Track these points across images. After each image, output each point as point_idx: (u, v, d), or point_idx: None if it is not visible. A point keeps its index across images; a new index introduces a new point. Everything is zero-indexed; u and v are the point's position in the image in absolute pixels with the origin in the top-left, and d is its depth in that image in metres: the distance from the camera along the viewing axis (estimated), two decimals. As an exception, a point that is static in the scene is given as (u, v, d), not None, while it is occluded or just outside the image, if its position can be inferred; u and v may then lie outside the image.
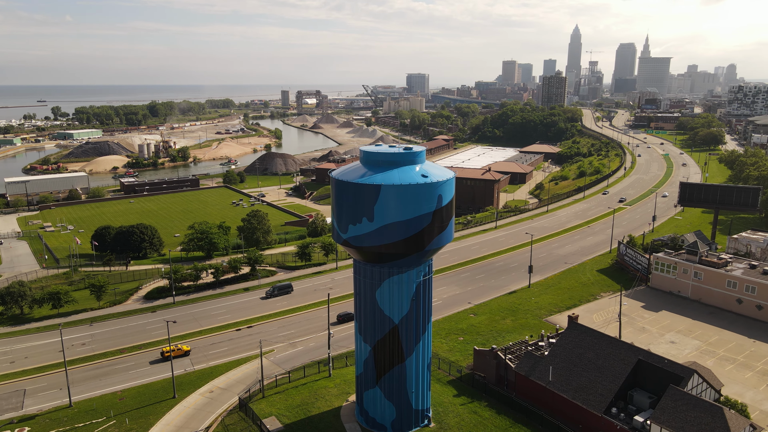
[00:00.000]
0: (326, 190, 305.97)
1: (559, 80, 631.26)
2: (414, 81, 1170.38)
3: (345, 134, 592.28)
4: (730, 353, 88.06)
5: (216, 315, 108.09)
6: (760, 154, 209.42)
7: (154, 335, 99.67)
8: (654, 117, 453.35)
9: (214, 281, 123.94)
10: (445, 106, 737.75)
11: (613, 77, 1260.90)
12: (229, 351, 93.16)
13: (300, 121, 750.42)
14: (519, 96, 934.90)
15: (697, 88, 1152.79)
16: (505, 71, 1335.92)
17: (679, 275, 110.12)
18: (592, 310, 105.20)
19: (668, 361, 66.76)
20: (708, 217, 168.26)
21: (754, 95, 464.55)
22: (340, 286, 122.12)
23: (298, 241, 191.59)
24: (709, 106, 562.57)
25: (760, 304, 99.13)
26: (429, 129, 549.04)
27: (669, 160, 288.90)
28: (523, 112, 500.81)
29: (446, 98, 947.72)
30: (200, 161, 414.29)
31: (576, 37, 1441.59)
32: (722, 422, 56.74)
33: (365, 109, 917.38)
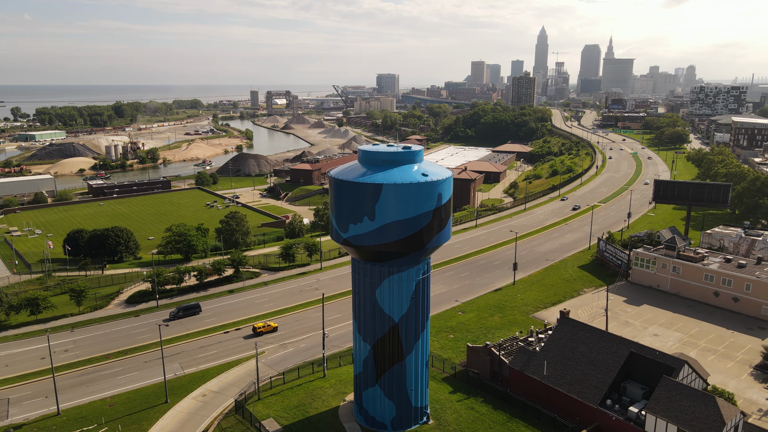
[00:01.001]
0: (301, 191, 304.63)
1: (528, 81, 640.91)
2: (384, 81, 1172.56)
3: (317, 135, 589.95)
4: (711, 344, 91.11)
5: (202, 318, 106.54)
6: (726, 152, 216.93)
7: (139, 340, 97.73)
8: (621, 117, 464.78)
9: (197, 284, 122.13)
10: (416, 107, 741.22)
11: (579, 78, 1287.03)
12: (219, 354, 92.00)
13: (271, 121, 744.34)
14: (488, 96, 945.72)
15: (659, 88, 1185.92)
16: (473, 72, 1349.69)
17: (658, 270, 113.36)
18: (577, 305, 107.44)
19: (659, 353, 68.81)
20: (679, 213, 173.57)
21: (714, 96, 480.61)
22: (326, 286, 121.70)
23: (277, 243, 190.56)
24: (672, 106, 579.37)
25: (736, 296, 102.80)
26: (401, 129, 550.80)
27: (638, 158, 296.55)
28: (494, 112, 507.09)
29: (416, 98, 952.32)
30: (170, 163, 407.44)
31: (542, 39, 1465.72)
32: (715, 411, 58.77)
33: (336, 109, 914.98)
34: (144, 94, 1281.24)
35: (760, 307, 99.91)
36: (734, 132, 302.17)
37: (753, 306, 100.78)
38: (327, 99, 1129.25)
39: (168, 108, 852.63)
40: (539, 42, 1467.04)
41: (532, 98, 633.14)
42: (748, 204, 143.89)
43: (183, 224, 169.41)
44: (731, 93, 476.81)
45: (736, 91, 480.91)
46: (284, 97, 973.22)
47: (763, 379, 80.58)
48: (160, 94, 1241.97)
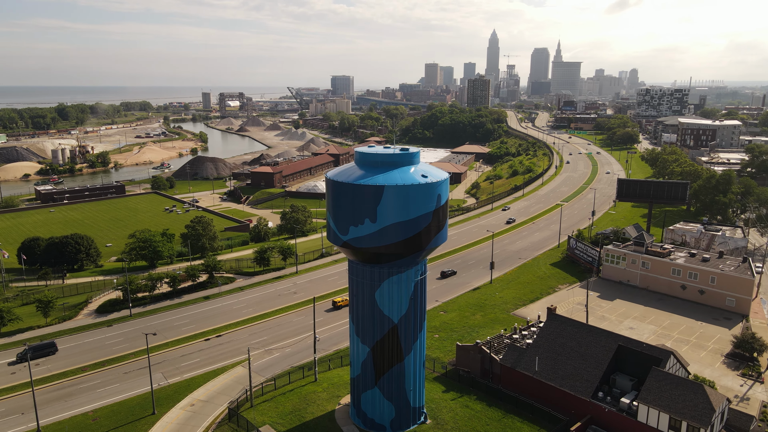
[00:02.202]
0: (263, 194, 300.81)
1: (483, 83, 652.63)
2: (339, 83, 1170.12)
3: (273, 137, 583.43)
4: (683, 335, 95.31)
5: (179, 326, 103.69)
6: (678, 152, 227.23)
7: (115, 350, 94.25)
8: (573, 118, 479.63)
9: (171, 291, 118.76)
10: (372, 108, 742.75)
11: (529, 80, 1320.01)
12: (202, 362, 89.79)
13: (225, 124, 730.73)
14: (442, 98, 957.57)
15: (605, 90, 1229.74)
16: (427, 74, 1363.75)
17: (628, 266, 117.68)
18: (553, 302, 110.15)
19: (647, 345, 71.53)
20: (639, 211, 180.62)
21: (659, 98, 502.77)
22: (303, 290, 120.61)
23: (243, 247, 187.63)
24: (620, 108, 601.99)
25: (702, 288, 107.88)
26: (359, 131, 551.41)
27: (592, 158, 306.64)
28: (451, 113, 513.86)
29: (372, 100, 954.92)
30: (122, 166, 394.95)
31: (494, 42, 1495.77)
32: (704, 398, 61.58)
33: (291, 111, 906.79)
34: (89, 95, 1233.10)
35: (725, 298, 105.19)
36: (681, 132, 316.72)
37: (718, 297, 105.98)
38: (281, 101, 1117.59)
39: (116, 110, 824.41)
40: (491, 45, 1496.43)
41: (487, 100, 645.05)
42: (704, 201, 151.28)
43: (147, 230, 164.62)
44: (674, 95, 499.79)
45: (679, 93, 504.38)
46: (237, 99, 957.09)
47: (734, 367, 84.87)
48: (107, 96, 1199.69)
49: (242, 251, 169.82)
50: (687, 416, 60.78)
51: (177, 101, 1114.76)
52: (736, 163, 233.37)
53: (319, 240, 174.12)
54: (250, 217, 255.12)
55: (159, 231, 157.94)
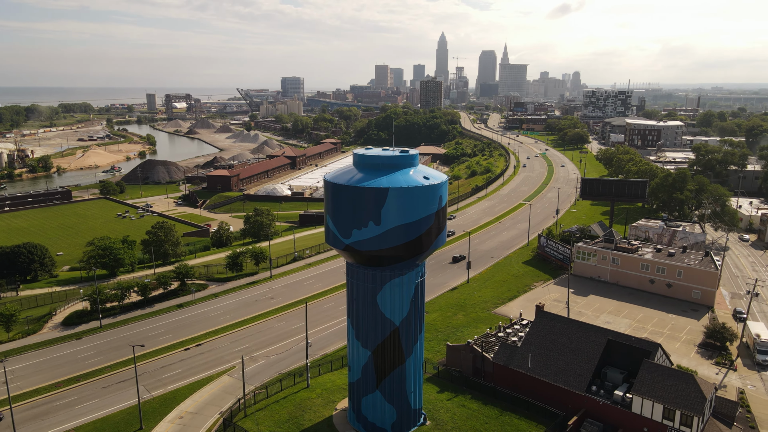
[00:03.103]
0: (220, 197, 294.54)
1: (435, 84, 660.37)
2: (289, 84, 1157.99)
3: (225, 139, 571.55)
4: (657, 327, 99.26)
5: (155, 336, 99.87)
6: (632, 151, 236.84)
7: (89, 365, 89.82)
8: (525, 119, 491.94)
9: (141, 300, 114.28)
10: (325, 110, 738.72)
11: (478, 82, 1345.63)
12: (185, 372, 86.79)
13: (173, 126, 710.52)
14: (393, 99, 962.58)
15: (550, 92, 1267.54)
16: (378, 75, 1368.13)
17: (598, 262, 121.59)
18: (531, 299, 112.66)
19: (635, 339, 74.06)
20: (598, 209, 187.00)
21: (605, 99, 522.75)
22: (280, 295, 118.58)
23: (206, 253, 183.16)
24: (566, 109, 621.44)
25: (669, 282, 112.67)
26: (313, 133, 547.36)
27: (547, 158, 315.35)
28: (406, 114, 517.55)
29: (323, 101, 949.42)
30: (65, 171, 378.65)
31: (443, 44, 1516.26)
32: (695, 387, 64.26)
33: (241, 113, 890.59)
34: (24, 96, 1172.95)
35: (691, 291, 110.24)
36: (628, 133, 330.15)
37: (684, 290, 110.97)
38: (230, 102, 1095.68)
39: (54, 112, 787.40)
40: (440, 47, 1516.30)
41: (440, 101, 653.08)
42: (662, 198, 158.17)
43: (107, 237, 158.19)
44: (618, 97, 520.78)
45: (623, 95, 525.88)
46: (185, 100, 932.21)
47: (708, 356, 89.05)
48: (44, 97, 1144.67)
49: (207, 257, 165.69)
50: (680, 405, 63.25)
51: (120, 103, 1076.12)
52: (682, 162, 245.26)
53: (285, 243, 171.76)
54: (209, 221, 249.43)
55: (114, 238, 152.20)
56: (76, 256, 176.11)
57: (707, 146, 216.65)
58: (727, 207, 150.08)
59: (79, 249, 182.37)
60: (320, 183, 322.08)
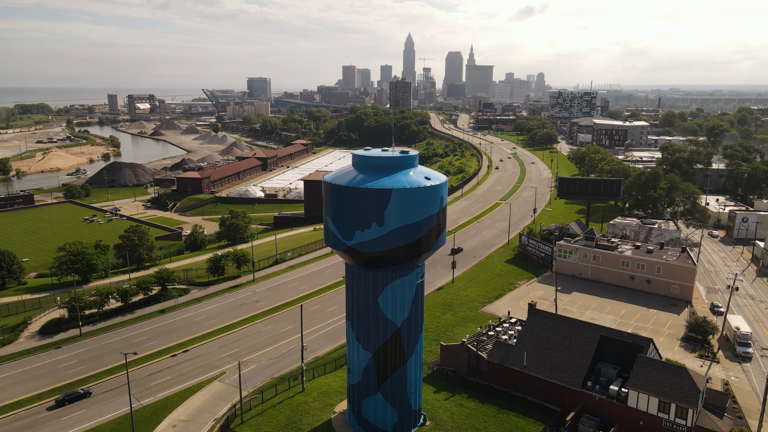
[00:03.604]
0: (191, 200, 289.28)
1: (404, 85, 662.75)
2: (255, 85, 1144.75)
3: (192, 141, 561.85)
4: (640, 322, 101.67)
5: (139, 343, 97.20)
6: (603, 151, 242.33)
7: (72, 374, 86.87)
8: (494, 119, 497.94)
9: (121, 306, 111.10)
10: (293, 111, 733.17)
11: (445, 82, 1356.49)
12: (174, 380, 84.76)
13: (137, 127, 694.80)
14: (361, 100, 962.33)
15: (516, 93, 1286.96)
16: (345, 76, 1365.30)
17: (580, 259, 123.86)
18: (516, 297, 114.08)
19: (628, 334, 75.68)
20: (572, 207, 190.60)
21: (571, 100, 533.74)
22: (265, 298, 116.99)
23: (179, 257, 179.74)
24: (533, 110, 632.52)
25: (648, 278, 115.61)
26: (282, 134, 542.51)
27: (518, 158, 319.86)
28: (376, 115, 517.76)
29: (291, 102, 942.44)
30: (25, 174, 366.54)
31: (410, 45, 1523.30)
32: (689, 380, 66.04)
33: (207, 114, 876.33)
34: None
35: (670, 286, 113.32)
36: (596, 133, 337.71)
37: (663, 286, 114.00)
38: (195, 103, 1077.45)
39: (10, 113, 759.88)
40: (407, 48, 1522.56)
41: (409, 102, 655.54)
42: (636, 197, 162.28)
43: (79, 242, 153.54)
44: (584, 98, 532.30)
45: (588, 96, 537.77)
46: (148, 101, 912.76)
47: (691, 349, 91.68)
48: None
49: (182, 260, 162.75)
50: (675, 398, 64.90)
51: (80, 103, 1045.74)
52: (649, 161, 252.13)
53: (264, 246, 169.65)
54: (181, 224, 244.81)
55: (87, 243, 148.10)
56: (43, 263, 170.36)
57: (674, 145, 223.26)
58: (697, 204, 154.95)
59: (45, 255, 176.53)
60: (293, 184, 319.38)
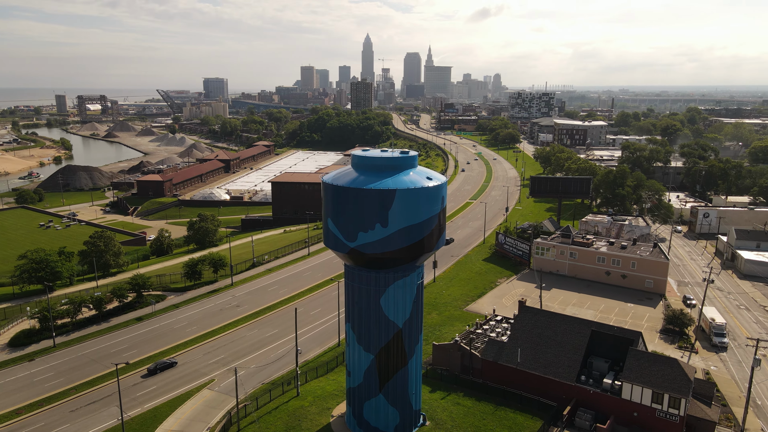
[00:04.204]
0: (153, 204, 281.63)
1: (366, 86, 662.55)
2: (212, 85, 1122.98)
3: (149, 143, 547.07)
4: (620, 316, 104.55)
5: (118, 352, 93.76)
6: (568, 150, 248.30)
7: (50, 387, 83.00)
8: (456, 120, 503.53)
9: (96, 314, 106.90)
10: (252, 112, 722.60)
11: (403, 83, 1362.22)
12: (161, 389, 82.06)
13: (88, 129, 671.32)
14: (321, 101, 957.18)
15: (473, 94, 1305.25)
16: (303, 76, 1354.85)
17: (557, 256, 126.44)
18: (498, 295, 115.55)
19: (617, 328, 77.62)
20: (542, 205, 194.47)
21: (530, 101, 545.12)
22: (246, 303, 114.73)
23: (146, 262, 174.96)
24: (493, 110, 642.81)
25: (624, 273, 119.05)
26: (243, 135, 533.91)
27: (483, 158, 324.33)
28: (339, 116, 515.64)
29: (249, 103, 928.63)
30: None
31: (368, 45, 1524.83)
32: (680, 371, 68.24)
33: (162, 115, 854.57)
34: None
35: (644, 281, 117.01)
36: (557, 132, 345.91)
37: (638, 280, 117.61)
38: (149, 104, 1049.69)
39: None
40: (365, 49, 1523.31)
41: (371, 102, 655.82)
42: (604, 194, 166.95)
43: (41, 249, 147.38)
44: (542, 99, 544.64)
45: (546, 97, 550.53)
46: (99, 102, 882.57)
47: (670, 341, 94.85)
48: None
49: (150, 266, 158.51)
50: (668, 389, 66.95)
51: (25, 105, 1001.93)
52: (609, 160, 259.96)
53: (236, 249, 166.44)
54: (143, 229, 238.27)
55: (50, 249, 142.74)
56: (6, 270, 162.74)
57: (635, 144, 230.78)
58: (662, 201, 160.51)
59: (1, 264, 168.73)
60: (258, 186, 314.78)
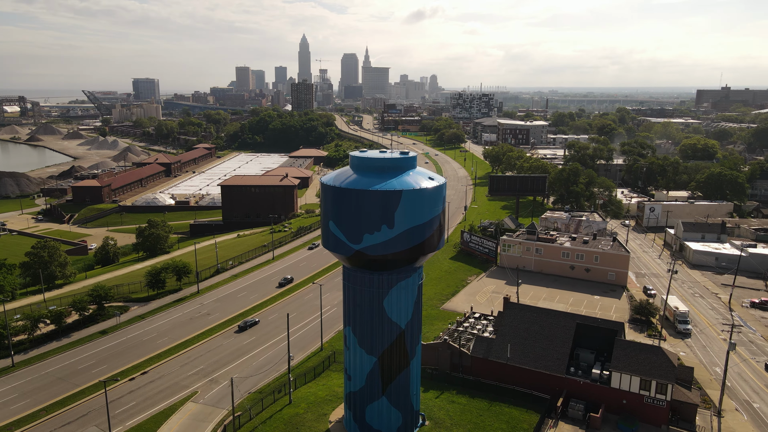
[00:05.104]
0: (90, 210, 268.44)
1: (306, 87, 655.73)
2: (142, 86, 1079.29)
3: (78, 147, 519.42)
4: (589, 309, 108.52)
5: (87, 369, 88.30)
6: (515, 149, 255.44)
7: (16, 410, 77.14)
8: (400, 120, 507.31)
9: (55, 329, 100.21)
10: (189, 113, 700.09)
11: (341, 84, 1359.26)
12: (140, 405, 77.93)
13: (7, 132, 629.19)
14: (258, 102, 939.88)
15: (411, 95, 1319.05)
16: (239, 77, 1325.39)
17: (523, 253, 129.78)
18: (471, 293, 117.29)
19: (601, 320, 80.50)
20: (496, 203, 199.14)
21: (471, 101, 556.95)
22: (216, 310, 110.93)
23: (94, 272, 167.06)
24: (433, 110, 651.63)
25: (587, 267, 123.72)
26: (180, 138, 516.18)
27: (431, 158, 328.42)
28: (281, 117, 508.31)
29: (183, 105, 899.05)
30: None
31: (304, 46, 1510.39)
32: (665, 358, 71.63)
33: (89, 117, 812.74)
34: None
35: (607, 273, 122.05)
36: (501, 132, 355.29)
37: (601, 273, 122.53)
38: (73, 105, 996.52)
39: None
40: (302, 49, 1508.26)
41: (312, 104, 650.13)
42: (559, 191, 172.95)
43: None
44: (482, 99, 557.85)
45: (486, 97, 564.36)
46: (17, 103, 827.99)
47: (640, 330, 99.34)
48: None
49: (99, 276, 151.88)
50: (655, 376, 70.13)
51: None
52: (553, 158, 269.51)
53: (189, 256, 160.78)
54: (83, 237, 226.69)
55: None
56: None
57: (580, 143, 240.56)
58: (613, 197, 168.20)
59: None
60: (203, 190, 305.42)
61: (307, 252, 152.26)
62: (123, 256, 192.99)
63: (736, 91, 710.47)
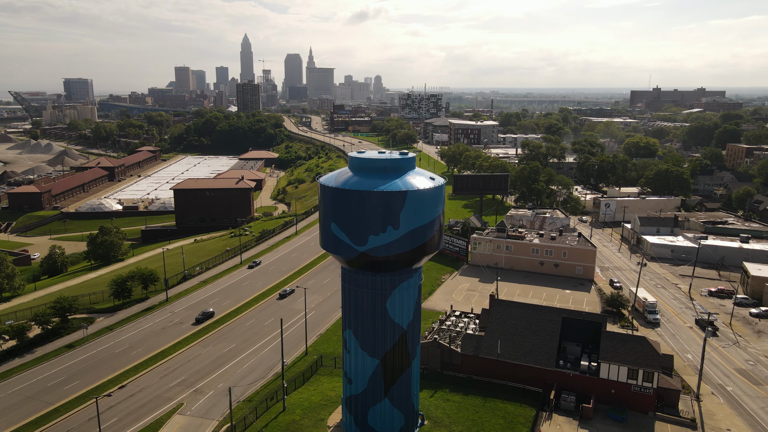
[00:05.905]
0: (29, 218, 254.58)
1: (252, 87, 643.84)
2: (74, 87, 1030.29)
3: (7, 150, 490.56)
4: (562, 303, 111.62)
5: (57, 385, 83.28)
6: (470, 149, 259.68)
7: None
8: (350, 121, 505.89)
9: (17, 345, 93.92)
10: (128, 115, 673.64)
11: (285, 85, 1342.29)
12: (123, 420, 74.20)
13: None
14: (200, 103, 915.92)
15: (356, 95, 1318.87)
16: (178, 78, 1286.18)
17: (494, 250, 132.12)
18: (447, 291, 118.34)
19: (585, 313, 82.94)
20: (458, 202, 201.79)
21: (419, 102, 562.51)
22: (189, 319, 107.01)
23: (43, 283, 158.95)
24: (381, 111, 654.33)
25: (556, 262, 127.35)
26: (121, 140, 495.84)
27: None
28: (229, 119, 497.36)
29: (119, 106, 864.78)
30: None
31: (246, 46, 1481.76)
32: (649, 347, 74.64)
33: (17, 119, 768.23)
34: None
35: (575, 268, 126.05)
36: (453, 132, 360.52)
37: (569, 268, 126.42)
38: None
39: None
40: (243, 49, 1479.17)
41: (258, 104, 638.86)
42: (521, 189, 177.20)
43: None
44: (431, 100, 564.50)
45: (434, 98, 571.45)
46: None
47: (613, 321, 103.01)
48: None
49: (50, 287, 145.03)
50: (642, 365, 72.96)
51: None
52: (505, 157, 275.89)
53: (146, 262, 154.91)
54: (24, 247, 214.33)
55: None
56: None
57: (533, 142, 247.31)
58: (572, 194, 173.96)
59: None
60: (151, 195, 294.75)
61: (275, 256, 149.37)
62: (72, 265, 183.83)
63: (667, 92, 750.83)
